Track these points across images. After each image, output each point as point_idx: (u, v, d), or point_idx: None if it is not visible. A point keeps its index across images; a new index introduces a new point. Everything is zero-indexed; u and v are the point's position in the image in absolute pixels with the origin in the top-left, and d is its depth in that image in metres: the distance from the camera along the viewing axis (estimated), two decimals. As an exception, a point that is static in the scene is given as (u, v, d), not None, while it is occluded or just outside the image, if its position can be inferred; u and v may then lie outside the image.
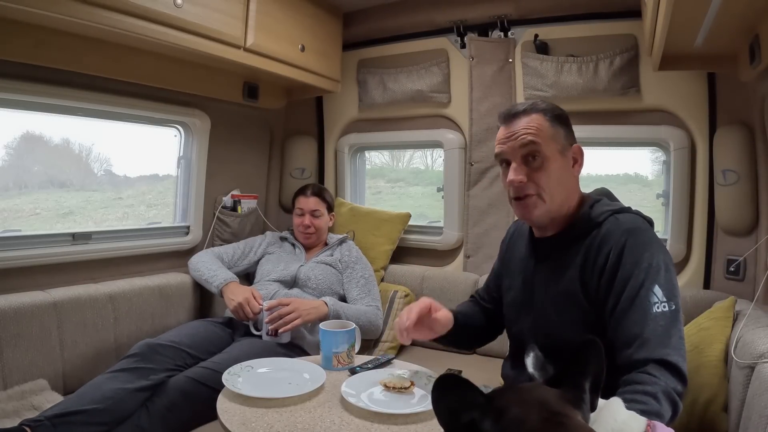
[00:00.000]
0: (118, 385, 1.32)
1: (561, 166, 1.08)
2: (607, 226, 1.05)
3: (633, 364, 0.92)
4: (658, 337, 0.92)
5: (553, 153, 1.07)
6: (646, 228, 1.05)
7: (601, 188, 1.19)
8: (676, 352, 0.91)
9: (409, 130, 2.32)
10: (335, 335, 1.30)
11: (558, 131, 1.09)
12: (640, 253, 0.99)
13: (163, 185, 2.22)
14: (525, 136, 1.06)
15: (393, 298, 2.07)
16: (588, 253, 1.04)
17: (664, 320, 0.94)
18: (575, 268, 1.06)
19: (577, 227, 1.08)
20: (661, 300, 0.95)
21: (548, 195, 1.06)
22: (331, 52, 2.18)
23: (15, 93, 1.49)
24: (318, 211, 2.05)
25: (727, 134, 1.67)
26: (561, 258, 1.09)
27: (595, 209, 1.08)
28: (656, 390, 0.86)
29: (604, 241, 1.03)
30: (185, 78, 1.88)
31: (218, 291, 1.81)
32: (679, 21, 1.14)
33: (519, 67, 2.04)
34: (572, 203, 1.11)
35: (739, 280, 1.67)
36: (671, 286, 0.98)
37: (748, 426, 1.03)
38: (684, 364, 0.92)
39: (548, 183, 1.06)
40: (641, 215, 1.09)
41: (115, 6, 1.35)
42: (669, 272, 0.99)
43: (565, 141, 1.10)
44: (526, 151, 1.07)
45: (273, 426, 0.98)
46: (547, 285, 1.11)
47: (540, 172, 1.06)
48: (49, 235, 1.66)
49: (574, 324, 1.05)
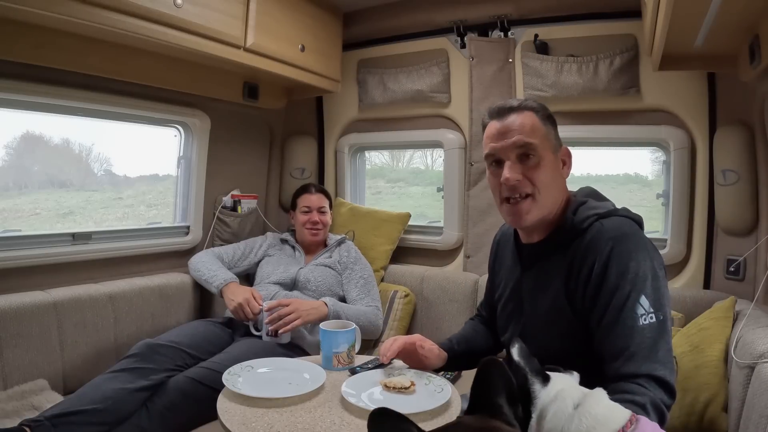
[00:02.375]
0: (118, 385, 1.32)
1: (553, 166, 1.06)
2: (591, 233, 1.00)
3: (620, 378, 0.90)
4: (644, 350, 0.90)
5: (546, 152, 1.04)
6: (633, 232, 1.00)
7: (586, 188, 1.14)
8: (663, 366, 0.89)
9: (409, 130, 2.32)
10: (335, 335, 1.30)
11: (549, 131, 1.06)
12: (626, 262, 0.95)
13: (163, 185, 2.23)
14: (521, 135, 1.02)
15: (393, 298, 2.07)
16: (572, 263, 1.01)
17: (651, 332, 0.91)
18: (560, 280, 1.03)
19: (561, 234, 1.04)
20: (648, 311, 0.92)
21: (543, 195, 1.03)
22: (331, 52, 2.18)
23: (15, 93, 1.49)
24: (324, 208, 2.07)
25: (727, 134, 1.67)
26: (546, 267, 1.07)
27: (579, 214, 1.03)
28: (645, 401, 0.85)
29: (588, 251, 0.99)
30: (185, 78, 1.88)
31: (218, 291, 1.81)
32: (679, 21, 1.14)
33: (519, 67, 2.04)
34: (560, 206, 1.08)
35: (739, 280, 1.67)
36: (659, 295, 0.94)
37: (748, 426, 1.03)
38: (672, 377, 0.90)
39: (543, 182, 1.03)
40: (629, 215, 1.05)
41: (115, 6, 1.35)
42: (657, 280, 0.95)
43: (555, 141, 1.08)
44: (522, 150, 1.03)
45: (273, 426, 0.98)
46: (534, 296, 1.09)
47: (536, 170, 1.02)
48: (49, 235, 1.66)
49: (562, 336, 1.03)
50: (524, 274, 1.13)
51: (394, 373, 1.23)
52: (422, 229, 2.35)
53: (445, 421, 1.03)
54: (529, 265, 1.12)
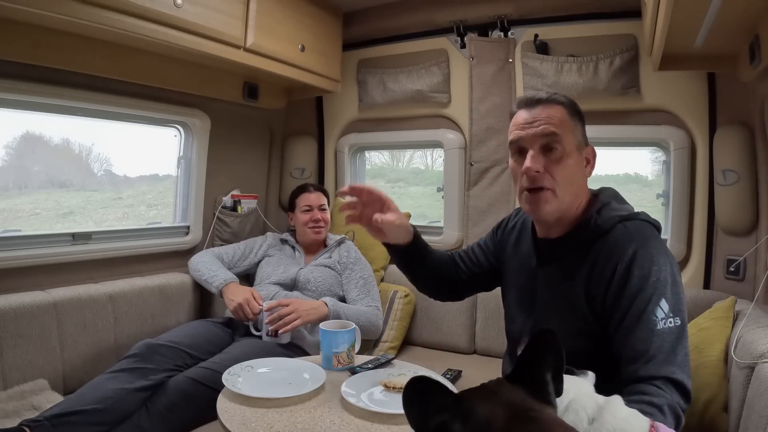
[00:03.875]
0: (118, 385, 1.32)
1: (576, 163, 1.05)
2: (615, 234, 1.01)
3: (638, 380, 0.90)
4: (664, 353, 0.90)
5: (571, 148, 1.03)
6: (655, 236, 1.01)
7: (609, 189, 1.14)
8: (681, 370, 0.90)
9: (409, 130, 2.32)
10: (335, 335, 1.30)
11: (577, 127, 1.05)
12: (649, 266, 0.96)
13: (163, 185, 2.22)
14: (548, 126, 1.01)
15: (393, 298, 2.07)
16: (594, 263, 1.01)
17: (670, 336, 0.91)
18: (581, 279, 1.02)
19: (584, 232, 1.05)
20: (668, 315, 0.93)
21: (561, 191, 1.02)
22: (331, 52, 2.18)
23: (15, 93, 1.49)
24: (324, 205, 2.07)
25: (727, 134, 1.67)
26: (566, 264, 1.07)
27: (603, 214, 1.04)
28: (662, 402, 0.85)
29: (612, 252, 0.99)
30: (185, 78, 1.88)
31: (218, 291, 1.81)
32: (679, 21, 1.14)
33: (519, 67, 2.04)
34: (580, 205, 1.08)
35: (739, 280, 1.67)
36: (678, 300, 0.95)
37: (748, 426, 1.03)
38: (689, 382, 0.90)
39: (564, 178, 1.02)
40: (650, 220, 1.06)
41: (115, 6, 1.35)
42: (676, 285, 0.96)
43: (582, 138, 1.07)
44: (547, 141, 1.02)
45: (273, 426, 0.98)
46: (551, 291, 1.09)
47: (558, 165, 1.01)
48: (49, 235, 1.66)
49: (575, 333, 1.03)
50: (540, 268, 1.13)
51: (394, 373, 1.23)
52: (422, 229, 2.32)
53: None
54: (548, 260, 1.11)
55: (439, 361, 1.83)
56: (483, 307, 2.02)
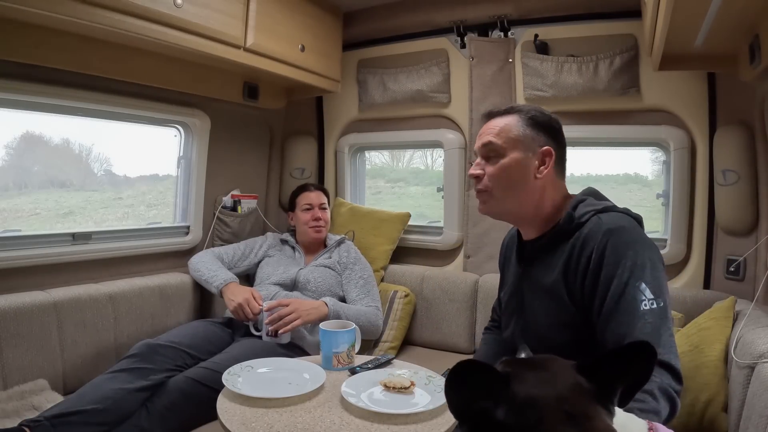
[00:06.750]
0: (118, 386, 1.32)
1: (519, 168, 1.08)
2: (589, 226, 1.02)
3: None
4: (647, 335, 0.89)
5: (514, 152, 1.08)
6: (632, 226, 1.01)
7: (588, 188, 1.16)
8: (668, 350, 0.90)
9: (409, 130, 2.32)
10: (335, 335, 1.30)
11: (527, 134, 1.09)
12: (623, 251, 0.96)
13: (163, 185, 2.22)
14: (488, 136, 1.11)
15: (393, 298, 2.07)
16: (570, 254, 1.02)
17: (652, 317, 0.91)
18: (558, 271, 1.04)
19: (560, 229, 1.06)
20: (648, 297, 0.92)
21: (499, 193, 1.10)
22: (331, 52, 2.18)
23: (15, 93, 1.49)
24: (324, 204, 2.07)
25: (727, 134, 1.67)
26: (545, 261, 1.08)
27: (579, 210, 1.06)
28: (652, 387, 0.84)
29: (586, 242, 1.00)
30: (185, 78, 1.88)
31: (218, 291, 1.81)
32: (679, 21, 1.14)
33: (519, 67, 2.04)
34: (546, 206, 1.10)
35: (739, 280, 1.67)
36: (659, 283, 0.94)
37: (748, 426, 1.03)
38: (677, 362, 0.90)
39: (498, 183, 1.09)
40: (629, 213, 1.06)
41: (115, 6, 1.35)
42: (656, 269, 0.96)
43: (533, 143, 1.09)
44: (486, 150, 1.11)
45: (273, 426, 0.98)
46: (535, 289, 1.11)
47: (493, 171, 1.10)
48: (49, 235, 1.66)
49: (561, 326, 1.04)
50: (525, 270, 1.15)
51: (394, 373, 1.23)
52: (422, 229, 2.35)
53: (445, 420, 1.03)
54: (530, 261, 1.14)
55: (439, 361, 1.83)
56: (483, 307, 2.02)
